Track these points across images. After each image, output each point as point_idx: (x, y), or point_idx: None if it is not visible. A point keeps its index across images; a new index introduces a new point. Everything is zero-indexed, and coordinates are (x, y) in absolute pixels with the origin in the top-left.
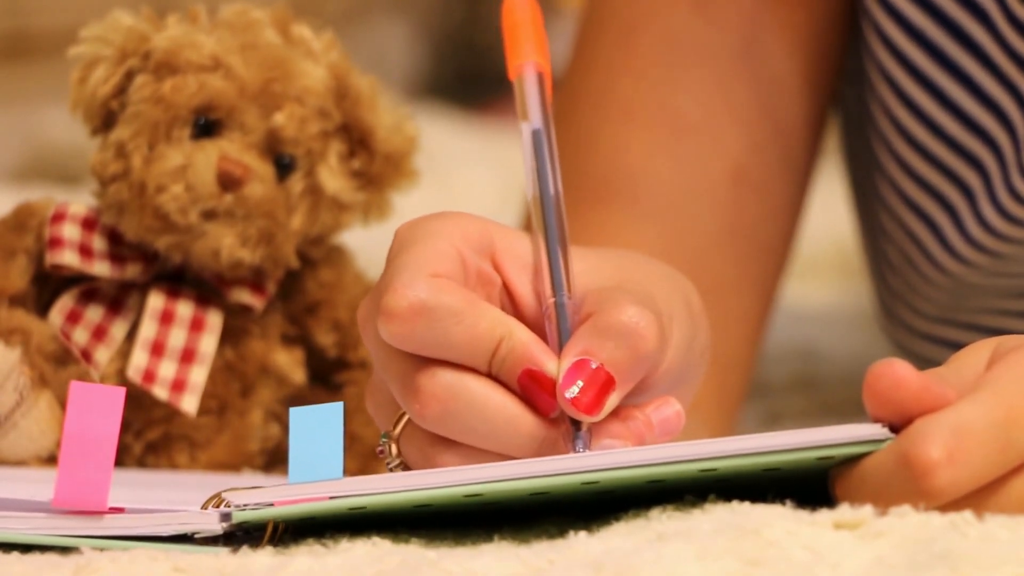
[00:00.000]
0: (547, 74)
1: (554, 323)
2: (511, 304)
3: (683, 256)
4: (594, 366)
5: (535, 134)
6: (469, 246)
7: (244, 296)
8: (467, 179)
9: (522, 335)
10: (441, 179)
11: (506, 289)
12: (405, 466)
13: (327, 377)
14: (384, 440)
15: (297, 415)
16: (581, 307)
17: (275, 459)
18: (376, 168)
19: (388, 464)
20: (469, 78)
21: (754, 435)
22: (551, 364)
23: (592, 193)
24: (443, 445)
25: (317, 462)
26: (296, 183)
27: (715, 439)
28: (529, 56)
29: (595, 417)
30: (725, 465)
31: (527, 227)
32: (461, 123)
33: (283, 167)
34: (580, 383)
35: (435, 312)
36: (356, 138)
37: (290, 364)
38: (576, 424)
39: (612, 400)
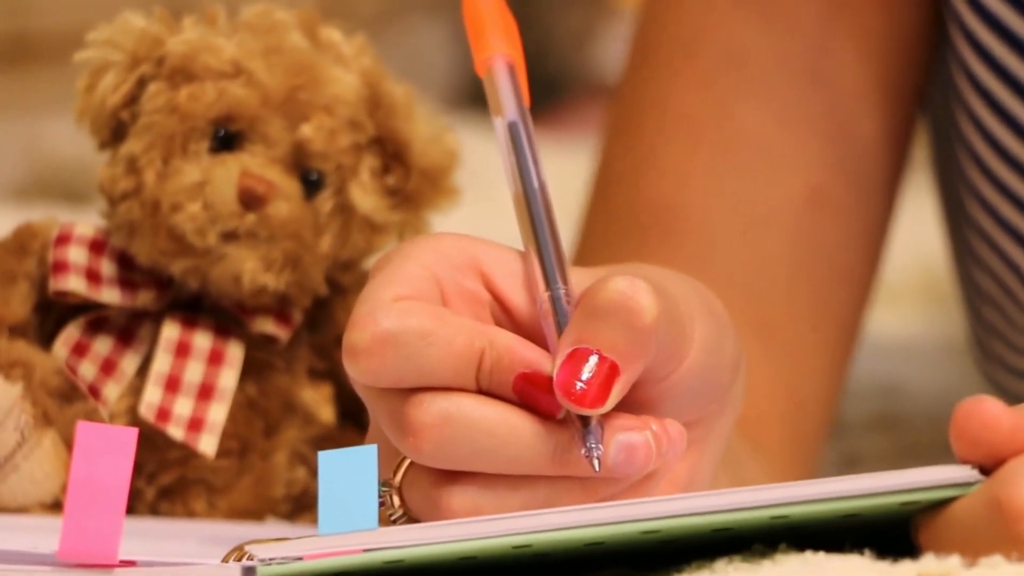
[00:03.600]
0: (518, 65)
1: (550, 319)
2: (507, 319)
3: (754, 288)
4: (592, 355)
5: (511, 127)
6: (446, 264)
7: (267, 326)
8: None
9: (504, 339)
10: (484, 197)
11: (499, 303)
12: (409, 518)
13: (359, 416)
14: (384, 490)
15: (327, 458)
16: (577, 302)
17: (302, 506)
18: (413, 185)
19: (391, 516)
20: None
21: (830, 479)
22: (544, 362)
23: (652, 223)
24: (448, 481)
25: (349, 510)
26: (325, 202)
27: (787, 483)
28: (496, 48)
29: (602, 409)
30: (798, 512)
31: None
32: None
33: (310, 184)
34: (580, 375)
35: (402, 338)
36: (391, 152)
37: (318, 401)
38: (585, 421)
39: (618, 387)
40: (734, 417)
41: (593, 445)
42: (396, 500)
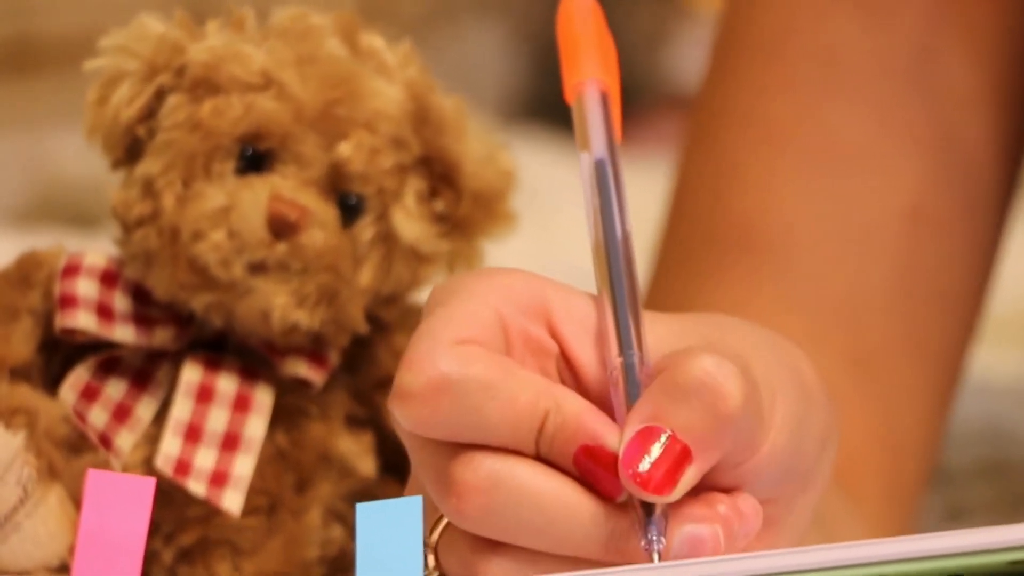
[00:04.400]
0: (613, 94)
1: (620, 388)
2: (572, 377)
3: (844, 316)
4: (665, 434)
5: (598, 165)
6: (514, 307)
7: (300, 368)
8: (576, 223)
9: (573, 404)
10: (544, 223)
11: (565, 358)
12: None
13: (402, 468)
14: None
15: (366, 513)
16: (655, 372)
17: (338, 569)
18: (464, 210)
19: None
20: None
21: (932, 533)
22: (612, 436)
23: (733, 241)
24: (489, 549)
25: (391, 570)
26: (365, 229)
27: (883, 539)
28: (590, 72)
29: (669, 497)
30: (896, 571)
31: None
32: (569, 153)
33: (349, 209)
34: (649, 456)
35: (462, 387)
36: (439, 173)
37: (357, 452)
38: (647, 508)
39: (689, 475)
40: (821, 492)
41: (655, 537)
42: (431, 560)
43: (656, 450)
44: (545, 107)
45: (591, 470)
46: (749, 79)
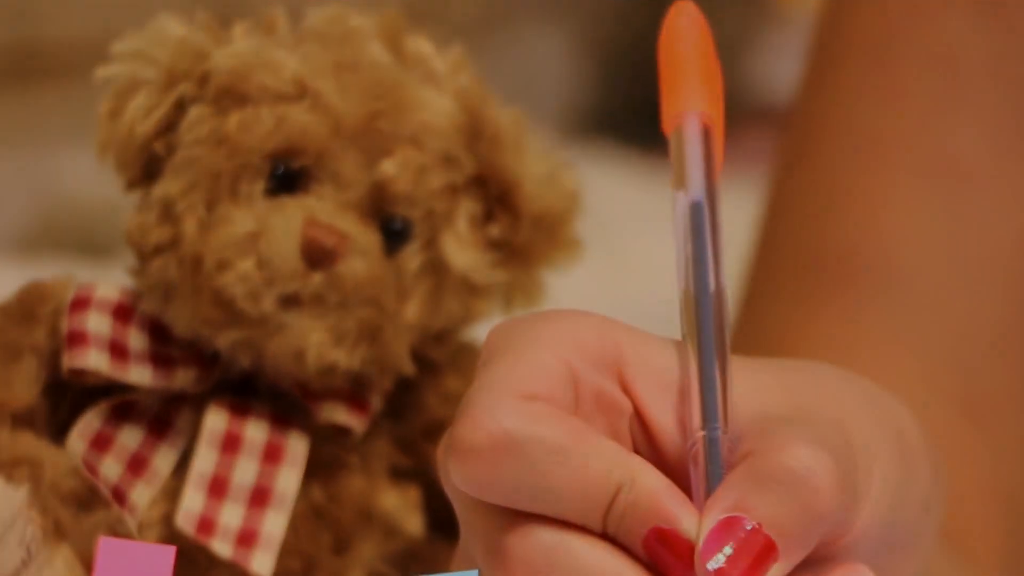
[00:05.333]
0: (716, 129)
1: (701, 466)
2: (646, 439)
3: (959, 354)
4: (749, 527)
5: (693, 208)
6: (585, 358)
7: (338, 414)
8: (648, 251)
9: (649, 481)
10: (613, 250)
11: (639, 418)
12: None
13: (453, 526)
14: None
15: None
16: (739, 445)
17: None
18: (522, 236)
19: None
20: (649, 110)
21: None
22: (689, 521)
23: (833, 270)
24: None
25: None
26: (411, 257)
27: None
28: (692, 103)
29: None
30: None
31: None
32: (641, 172)
33: (393, 235)
34: (728, 549)
35: (526, 448)
36: (495, 194)
37: (402, 508)
38: None
39: (774, 574)
40: (924, 558)
41: None
42: None
43: (738, 544)
44: (614, 120)
45: (662, 556)
46: (851, 88)
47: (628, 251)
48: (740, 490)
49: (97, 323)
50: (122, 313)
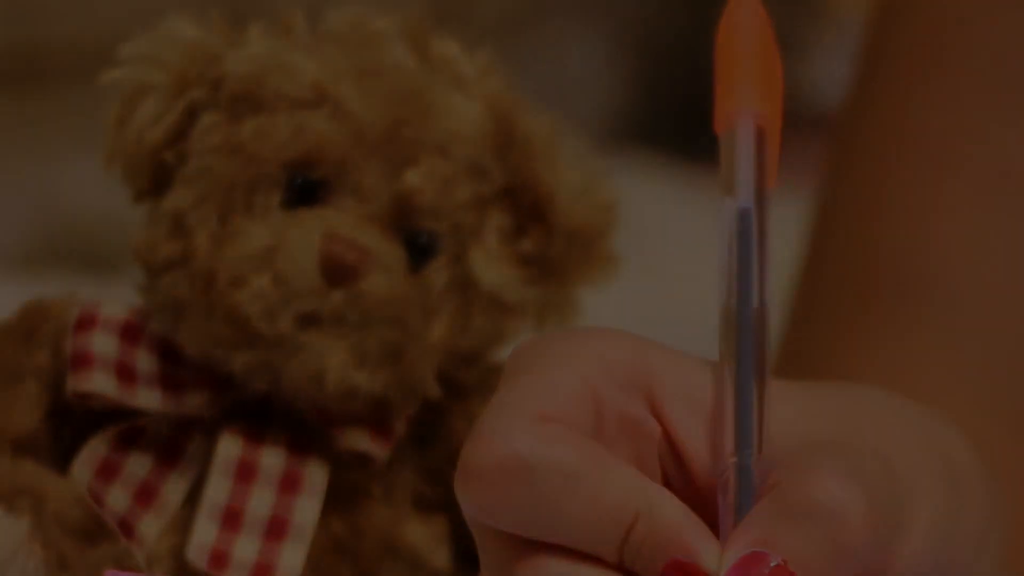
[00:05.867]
0: (773, 131)
1: (730, 494)
2: (676, 465)
3: (1015, 380)
4: (773, 563)
5: (741, 215)
6: (611, 379)
7: (360, 441)
8: (690, 266)
9: (668, 510)
10: (651, 266)
11: (669, 443)
12: None
13: None
14: None
15: None
16: (769, 474)
17: None
18: (556, 251)
19: None
20: (692, 117)
21: None
22: (710, 554)
23: (883, 285)
24: None
25: None
26: (437, 273)
27: None
28: (748, 102)
29: None
30: None
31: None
32: (682, 183)
33: (418, 250)
34: None
35: (539, 473)
36: (526, 206)
37: (427, 540)
38: None
39: None
40: None
41: None
42: None
43: None
44: (654, 128)
45: None
46: (903, 92)
47: (667, 268)
48: (765, 524)
49: (103, 344)
50: (129, 333)
